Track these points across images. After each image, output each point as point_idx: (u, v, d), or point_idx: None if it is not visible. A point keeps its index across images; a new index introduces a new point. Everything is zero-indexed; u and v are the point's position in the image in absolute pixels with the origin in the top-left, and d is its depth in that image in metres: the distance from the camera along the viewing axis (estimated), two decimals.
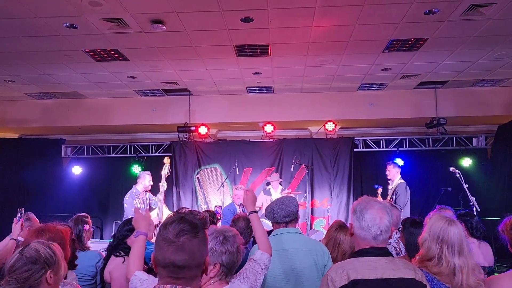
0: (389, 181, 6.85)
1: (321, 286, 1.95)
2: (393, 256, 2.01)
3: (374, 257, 1.94)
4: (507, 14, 5.19)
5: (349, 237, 3.04)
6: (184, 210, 2.70)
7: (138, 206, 5.89)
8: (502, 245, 2.64)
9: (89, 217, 3.81)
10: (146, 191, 6.16)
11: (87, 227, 3.62)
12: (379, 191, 6.72)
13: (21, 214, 3.61)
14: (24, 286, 1.86)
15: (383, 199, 6.81)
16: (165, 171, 6.33)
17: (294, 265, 2.65)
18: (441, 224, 2.31)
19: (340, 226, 3.20)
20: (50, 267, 1.92)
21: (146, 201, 6.14)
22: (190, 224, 1.47)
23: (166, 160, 6.52)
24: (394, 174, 6.73)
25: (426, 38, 6.00)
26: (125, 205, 5.89)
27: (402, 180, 6.66)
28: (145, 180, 6.11)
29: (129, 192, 6.00)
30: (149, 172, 6.25)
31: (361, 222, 1.99)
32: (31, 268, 1.88)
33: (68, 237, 2.45)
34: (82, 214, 3.80)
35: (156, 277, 1.75)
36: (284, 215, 2.84)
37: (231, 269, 2.08)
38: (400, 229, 3.68)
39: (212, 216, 4.14)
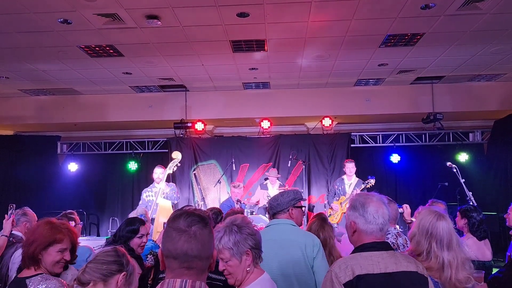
0: (346, 176, 7.25)
1: (324, 282, 1.93)
2: (394, 250, 2.00)
3: (376, 252, 1.93)
4: (504, 8, 5.18)
5: None
6: (188, 208, 2.75)
7: (149, 198, 6.13)
8: (497, 240, 2.64)
9: (75, 214, 3.96)
10: (158, 183, 6.26)
11: (73, 223, 3.69)
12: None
13: (12, 210, 3.58)
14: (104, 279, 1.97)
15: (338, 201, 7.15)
16: (170, 170, 6.23)
17: (283, 255, 2.67)
18: (430, 218, 2.30)
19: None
20: (124, 271, 2.03)
21: (158, 194, 6.13)
22: (199, 216, 1.53)
23: (175, 155, 6.35)
24: (353, 172, 7.20)
25: (422, 33, 5.98)
26: None
27: (357, 178, 7.20)
28: (154, 173, 6.26)
29: None
30: (159, 165, 6.36)
31: (366, 216, 1.97)
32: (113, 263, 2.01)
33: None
34: (68, 211, 3.95)
35: None
36: (277, 204, 2.88)
37: (259, 248, 2.13)
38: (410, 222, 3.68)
39: (216, 214, 4.07)
